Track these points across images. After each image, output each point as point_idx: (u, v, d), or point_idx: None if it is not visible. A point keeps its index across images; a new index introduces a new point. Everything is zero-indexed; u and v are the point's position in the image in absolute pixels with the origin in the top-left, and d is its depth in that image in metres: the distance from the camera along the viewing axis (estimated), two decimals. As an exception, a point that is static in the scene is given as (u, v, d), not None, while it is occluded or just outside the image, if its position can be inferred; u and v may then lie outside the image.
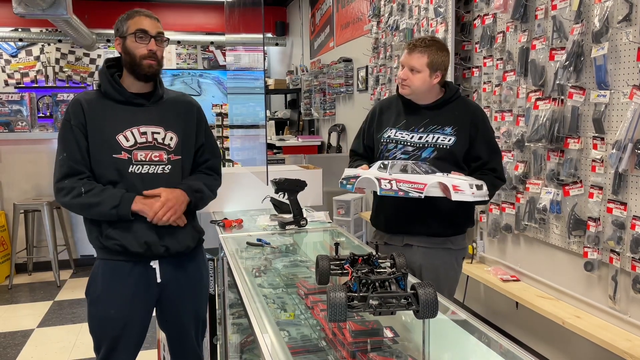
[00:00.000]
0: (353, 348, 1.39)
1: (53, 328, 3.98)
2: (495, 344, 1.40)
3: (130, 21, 1.97)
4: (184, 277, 2.11)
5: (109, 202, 1.90)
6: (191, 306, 2.17)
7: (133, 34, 1.94)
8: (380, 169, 2.09)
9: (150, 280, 2.03)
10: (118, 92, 1.98)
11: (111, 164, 1.94)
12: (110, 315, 2.00)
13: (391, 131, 2.30)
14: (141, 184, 1.97)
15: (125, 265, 1.99)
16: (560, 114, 2.68)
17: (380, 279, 1.34)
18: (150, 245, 1.97)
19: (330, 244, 2.39)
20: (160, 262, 2.03)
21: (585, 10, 2.54)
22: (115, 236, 1.95)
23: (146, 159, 1.98)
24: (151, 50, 1.95)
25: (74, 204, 1.92)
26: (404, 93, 2.26)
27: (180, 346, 2.20)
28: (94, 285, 2.03)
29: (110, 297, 2.00)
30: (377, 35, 5.08)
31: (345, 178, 2.22)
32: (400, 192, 2.01)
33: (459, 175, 2.03)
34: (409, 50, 2.21)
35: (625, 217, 2.36)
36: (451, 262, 2.32)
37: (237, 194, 3.08)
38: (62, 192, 1.92)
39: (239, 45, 4.35)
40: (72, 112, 1.96)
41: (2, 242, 5.10)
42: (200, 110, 2.18)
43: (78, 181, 1.92)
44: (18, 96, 5.47)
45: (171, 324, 2.17)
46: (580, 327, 2.52)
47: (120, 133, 1.95)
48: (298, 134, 8.09)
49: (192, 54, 10.37)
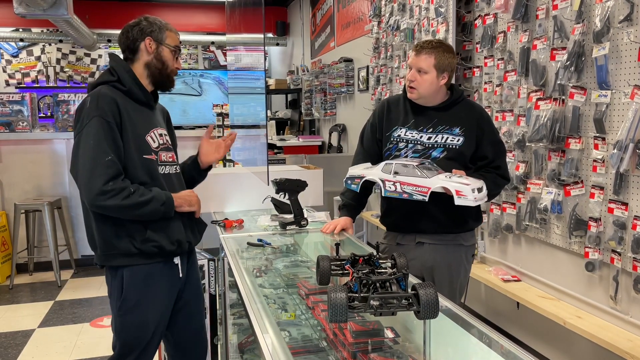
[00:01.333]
0: (354, 348, 1.39)
1: (54, 328, 3.98)
2: (496, 344, 1.40)
3: (168, 32, 2.05)
4: (193, 270, 2.23)
5: (158, 199, 1.92)
6: (200, 296, 2.31)
7: (172, 47, 2.05)
8: (384, 170, 2.11)
9: (175, 277, 2.08)
10: (143, 93, 2.01)
11: (142, 164, 1.95)
12: (147, 320, 2.00)
13: (401, 130, 2.33)
14: (167, 184, 2.03)
15: (157, 266, 2.01)
16: (561, 114, 2.68)
17: (381, 280, 1.34)
18: (181, 242, 2.04)
19: (331, 244, 2.39)
20: (180, 257, 2.10)
21: (586, 10, 2.53)
22: (155, 238, 1.96)
23: (167, 160, 2.06)
24: (178, 68, 2.09)
25: (125, 205, 1.84)
26: (412, 98, 2.28)
27: (193, 337, 2.25)
28: (130, 294, 1.97)
29: (148, 302, 2.00)
30: (377, 35, 5.08)
31: (350, 177, 2.25)
32: (405, 194, 2.05)
33: (460, 177, 2.04)
34: (416, 52, 2.23)
35: (626, 217, 2.36)
36: (462, 259, 2.35)
37: (237, 194, 3.08)
38: (110, 194, 1.82)
39: (240, 45, 4.35)
40: (108, 109, 1.87)
41: (3, 242, 5.10)
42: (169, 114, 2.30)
43: (124, 182, 1.87)
44: (19, 96, 5.47)
45: (184, 317, 2.19)
46: (581, 327, 2.51)
47: (147, 134, 1.99)
48: (299, 134, 8.09)
49: (193, 54, 10.38)
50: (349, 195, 2.45)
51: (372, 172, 2.16)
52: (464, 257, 2.36)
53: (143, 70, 2.02)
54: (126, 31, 2.03)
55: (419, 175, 2.04)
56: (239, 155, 4.44)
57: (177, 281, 2.09)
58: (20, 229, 5.08)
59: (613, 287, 2.48)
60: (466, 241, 2.35)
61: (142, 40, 2.00)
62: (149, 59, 2.02)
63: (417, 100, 2.29)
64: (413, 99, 2.29)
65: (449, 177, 2.05)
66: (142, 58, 2.02)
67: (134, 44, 2.01)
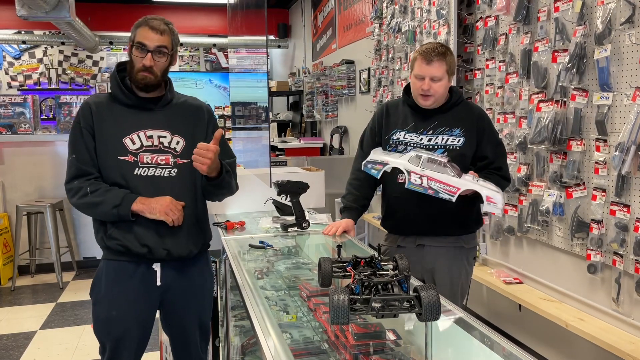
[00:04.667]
0: (355, 351, 1.39)
1: (56, 330, 3.99)
2: (498, 346, 1.40)
3: (137, 30, 1.98)
4: (187, 282, 2.09)
5: (111, 201, 1.92)
6: (194, 311, 2.16)
7: (135, 44, 1.95)
8: (411, 161, 2.01)
9: (151, 283, 2.03)
10: (126, 96, 2.00)
11: (116, 166, 1.96)
12: (112, 316, 2.01)
13: (400, 133, 2.32)
14: (147, 187, 1.98)
15: (128, 266, 2.00)
16: (563, 116, 2.68)
17: (382, 282, 1.33)
18: (151, 248, 1.97)
19: (333, 246, 2.38)
20: (162, 265, 2.03)
21: (587, 12, 2.53)
22: (118, 236, 1.97)
23: (152, 162, 1.99)
24: (144, 65, 1.94)
25: (80, 204, 1.96)
26: (428, 105, 2.26)
27: (183, 350, 2.19)
28: (98, 285, 2.05)
29: (113, 297, 2.01)
30: (379, 37, 5.09)
31: (371, 162, 2.13)
32: (430, 190, 1.96)
33: (485, 181, 2.05)
34: (427, 61, 2.20)
35: (628, 219, 2.36)
36: (462, 262, 2.35)
37: (239, 196, 3.06)
38: (71, 193, 1.97)
39: (242, 48, 4.36)
40: (82, 115, 1.99)
41: (5, 244, 5.11)
42: (210, 112, 2.18)
43: (85, 182, 1.95)
44: (21, 98, 5.48)
45: (174, 328, 2.17)
46: (583, 329, 2.51)
47: (126, 136, 1.97)
48: (300, 136, 8.09)
49: (195, 56, 10.38)
50: (350, 198, 2.44)
51: (398, 160, 2.05)
52: (465, 260, 2.36)
53: None
54: None
55: (450, 173, 1.97)
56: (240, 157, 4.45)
57: (153, 287, 2.03)
58: (22, 230, 5.09)
59: (615, 289, 2.47)
60: (467, 243, 2.35)
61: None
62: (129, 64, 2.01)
63: (431, 106, 2.28)
64: (427, 107, 2.28)
65: (477, 180, 2.02)
66: None
67: None
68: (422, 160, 2.00)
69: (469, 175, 2.03)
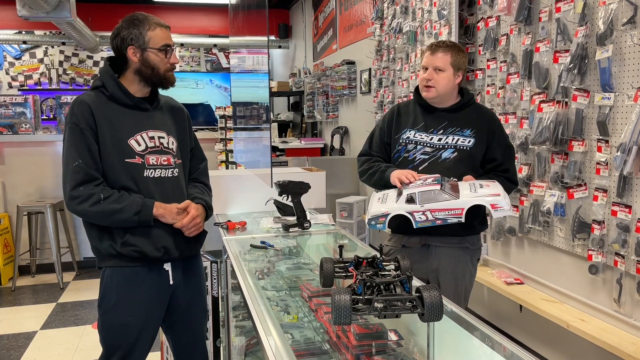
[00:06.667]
0: (357, 351, 1.38)
1: (56, 330, 3.98)
2: (499, 347, 1.40)
3: (150, 33, 1.94)
4: (192, 277, 2.16)
5: (131, 208, 1.88)
6: (200, 303, 2.23)
7: (158, 49, 1.95)
8: (409, 202, 2.01)
9: (163, 283, 2.04)
10: (127, 96, 1.97)
11: (124, 168, 1.93)
12: (127, 322, 1.98)
13: (410, 132, 2.33)
14: (156, 188, 1.98)
15: (141, 270, 1.99)
16: (565, 116, 2.68)
17: (385, 282, 1.33)
18: (168, 249, 1.99)
19: (334, 246, 2.38)
20: (172, 264, 2.06)
21: (589, 12, 2.53)
22: (135, 242, 1.93)
23: (157, 163, 1.99)
24: (174, 63, 1.99)
25: (92, 211, 1.87)
26: (429, 96, 2.27)
27: (190, 345, 2.22)
28: (109, 294, 1.98)
29: (128, 304, 1.99)
30: (380, 37, 5.08)
31: (373, 218, 2.07)
32: (438, 220, 1.97)
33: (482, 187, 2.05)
34: (431, 51, 2.25)
35: (630, 220, 2.35)
36: (467, 263, 2.35)
37: (240, 197, 3.08)
38: (78, 200, 1.86)
39: (243, 48, 4.36)
40: (80, 115, 1.89)
41: (5, 244, 5.11)
42: (188, 115, 2.22)
43: (95, 188, 1.87)
44: (22, 98, 5.48)
45: (180, 325, 2.18)
46: (584, 330, 2.50)
47: (131, 137, 1.95)
48: (301, 136, 8.09)
49: (195, 56, 10.38)
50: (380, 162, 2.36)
51: (395, 206, 2.03)
52: (470, 261, 2.36)
53: (134, 76, 1.98)
54: (111, 41, 1.99)
55: (448, 198, 1.97)
56: (242, 158, 4.45)
57: (166, 287, 2.05)
58: (23, 230, 5.09)
59: (616, 290, 2.47)
60: (472, 244, 2.35)
61: (126, 50, 1.95)
62: (137, 66, 1.96)
63: (433, 99, 2.29)
64: (430, 98, 2.29)
65: (474, 189, 2.02)
66: (132, 65, 1.97)
67: (120, 53, 1.97)
68: (418, 197, 2.00)
69: (466, 184, 2.03)
